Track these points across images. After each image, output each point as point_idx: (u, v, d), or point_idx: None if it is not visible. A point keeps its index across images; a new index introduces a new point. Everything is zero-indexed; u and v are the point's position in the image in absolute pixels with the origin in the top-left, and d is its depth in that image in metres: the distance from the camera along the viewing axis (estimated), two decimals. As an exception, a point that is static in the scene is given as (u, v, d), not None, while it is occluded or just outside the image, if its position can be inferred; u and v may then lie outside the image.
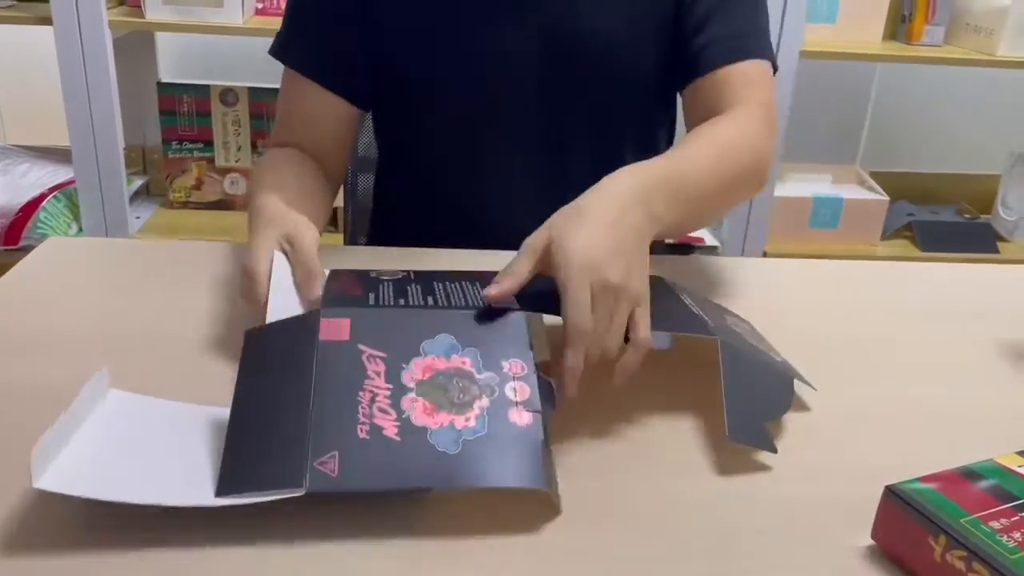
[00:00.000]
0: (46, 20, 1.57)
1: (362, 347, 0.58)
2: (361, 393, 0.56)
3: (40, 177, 1.79)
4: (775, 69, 0.93)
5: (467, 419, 0.56)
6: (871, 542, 0.53)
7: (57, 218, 1.71)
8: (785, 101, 1.67)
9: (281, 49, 0.94)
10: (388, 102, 0.97)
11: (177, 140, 1.84)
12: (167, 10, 1.60)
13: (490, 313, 0.62)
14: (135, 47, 1.87)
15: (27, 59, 1.85)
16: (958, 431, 0.67)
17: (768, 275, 0.97)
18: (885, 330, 0.84)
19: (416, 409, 0.56)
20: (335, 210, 1.85)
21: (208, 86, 1.81)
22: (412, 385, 0.57)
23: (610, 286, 0.61)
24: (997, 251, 1.95)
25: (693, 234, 1.86)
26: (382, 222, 1.08)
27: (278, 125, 0.97)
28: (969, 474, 0.53)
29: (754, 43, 0.92)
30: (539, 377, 0.59)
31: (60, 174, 1.79)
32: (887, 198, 1.93)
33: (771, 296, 0.90)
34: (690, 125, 0.93)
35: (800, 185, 1.95)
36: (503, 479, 0.54)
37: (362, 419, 0.55)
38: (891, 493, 0.51)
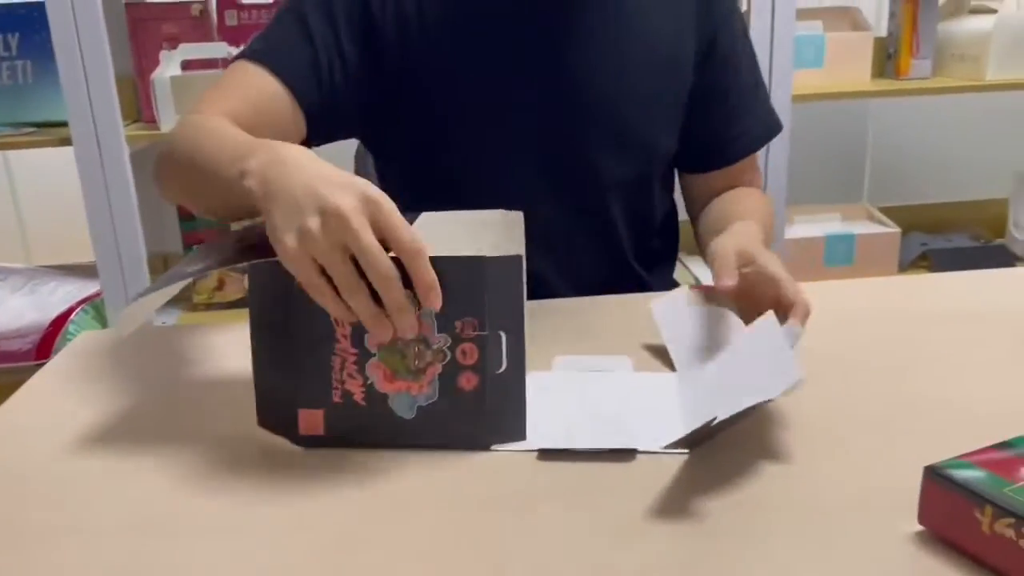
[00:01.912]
0: (66, 141, 1.64)
1: None
2: (333, 358, 0.63)
3: (67, 293, 1.83)
4: (782, 127, 1.04)
5: (420, 386, 0.63)
6: (920, 527, 0.53)
7: (85, 329, 1.75)
8: (783, 148, 1.70)
9: (245, 50, 0.86)
10: (394, 163, 1.00)
11: (198, 244, 1.89)
12: (180, 120, 1.67)
13: (449, 267, 0.60)
14: (151, 158, 1.94)
15: (47, 182, 1.92)
16: (992, 417, 0.66)
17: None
18: (909, 334, 0.84)
19: (378, 376, 0.63)
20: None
21: (224, 189, 1.87)
22: (375, 351, 0.63)
23: None
24: (1016, 271, 1.95)
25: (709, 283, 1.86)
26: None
27: (204, 98, 0.83)
28: (1006, 447, 0.53)
29: (770, 124, 1.03)
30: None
31: (86, 288, 1.84)
32: (899, 230, 1.94)
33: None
34: (700, 200, 1.04)
35: (810, 226, 1.97)
36: (451, 443, 0.64)
37: (335, 384, 0.63)
38: (932, 473, 0.51)
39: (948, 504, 0.50)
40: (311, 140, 0.89)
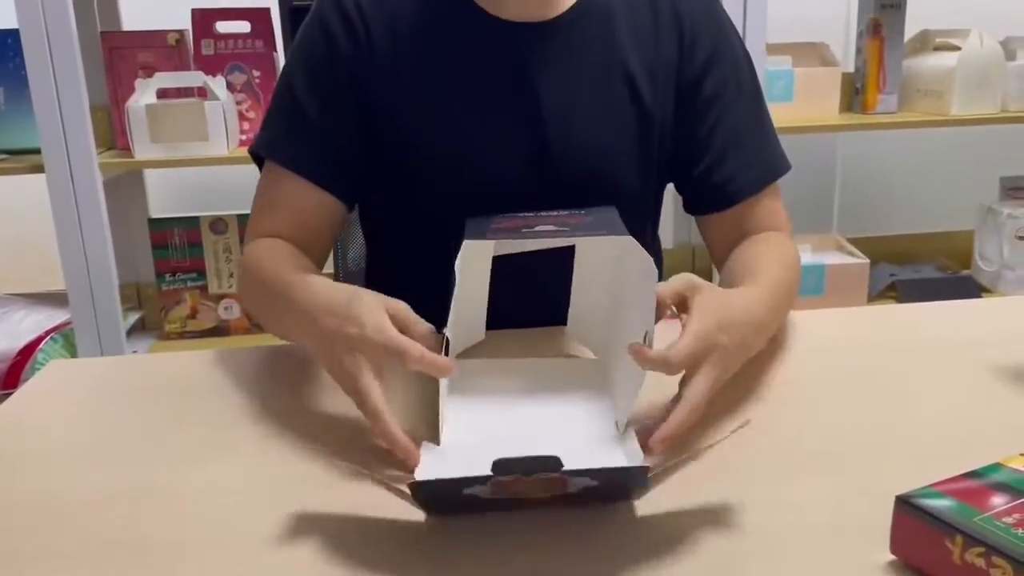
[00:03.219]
0: (39, 168, 1.63)
1: None
2: None
3: (37, 321, 1.81)
4: (789, 167, 0.98)
5: None
6: (892, 557, 0.53)
7: (55, 358, 1.72)
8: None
9: (266, 145, 0.93)
10: (378, 204, 0.99)
11: (170, 272, 1.88)
12: (155, 148, 1.67)
13: None
14: (125, 186, 1.93)
15: (17, 209, 1.90)
16: (962, 446, 0.67)
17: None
18: (879, 364, 0.85)
19: None
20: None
21: (197, 217, 1.86)
22: None
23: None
24: (982, 302, 1.98)
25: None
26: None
27: (257, 218, 0.94)
28: (977, 476, 0.54)
29: (772, 165, 0.96)
30: None
31: (56, 317, 1.81)
32: (867, 261, 1.97)
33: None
34: (716, 248, 0.98)
35: (781, 257, 1.99)
36: None
37: None
38: (903, 503, 0.52)
39: (919, 534, 0.51)
40: (350, 207, 0.97)
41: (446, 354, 0.69)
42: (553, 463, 0.54)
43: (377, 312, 0.68)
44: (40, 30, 1.57)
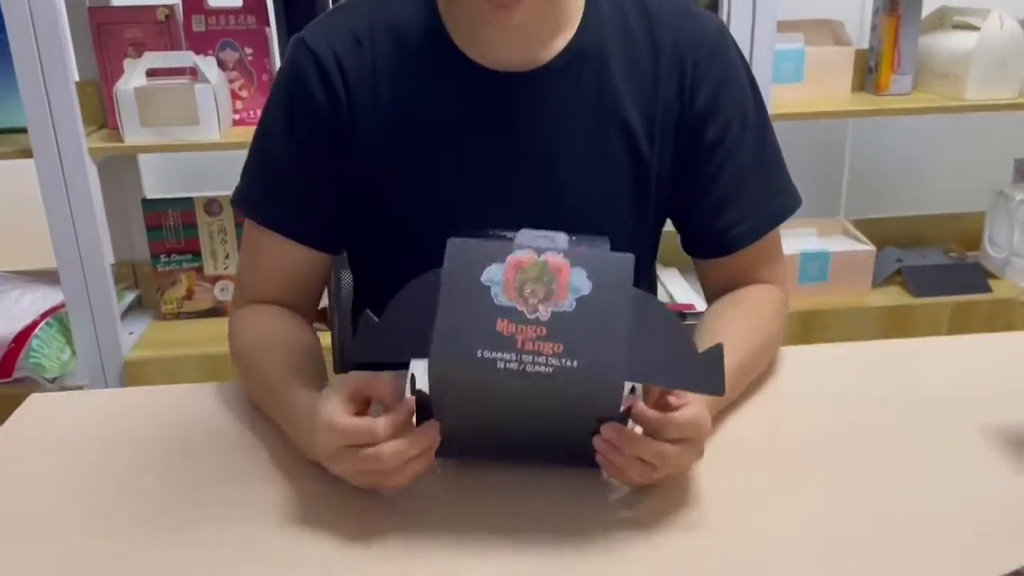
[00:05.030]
0: (27, 153, 1.60)
1: None
2: None
3: (33, 302, 1.80)
4: (797, 203, 0.95)
5: None
6: None
7: (50, 344, 1.71)
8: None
9: (246, 201, 0.91)
10: (364, 247, 0.97)
11: (165, 253, 1.86)
12: (145, 132, 1.63)
13: None
14: (119, 167, 1.90)
15: (12, 188, 1.87)
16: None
17: (785, 364, 0.95)
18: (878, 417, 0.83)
19: None
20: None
21: (192, 199, 1.83)
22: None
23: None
24: (989, 289, 1.95)
25: (684, 301, 1.86)
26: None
27: (246, 278, 0.94)
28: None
29: (775, 210, 0.93)
30: None
31: (52, 297, 1.80)
32: (873, 248, 1.94)
33: (780, 387, 0.89)
34: (711, 288, 0.96)
35: (786, 242, 1.94)
36: None
37: None
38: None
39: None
40: (337, 253, 0.96)
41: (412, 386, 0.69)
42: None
43: (330, 415, 0.68)
44: (23, 6, 1.51)
